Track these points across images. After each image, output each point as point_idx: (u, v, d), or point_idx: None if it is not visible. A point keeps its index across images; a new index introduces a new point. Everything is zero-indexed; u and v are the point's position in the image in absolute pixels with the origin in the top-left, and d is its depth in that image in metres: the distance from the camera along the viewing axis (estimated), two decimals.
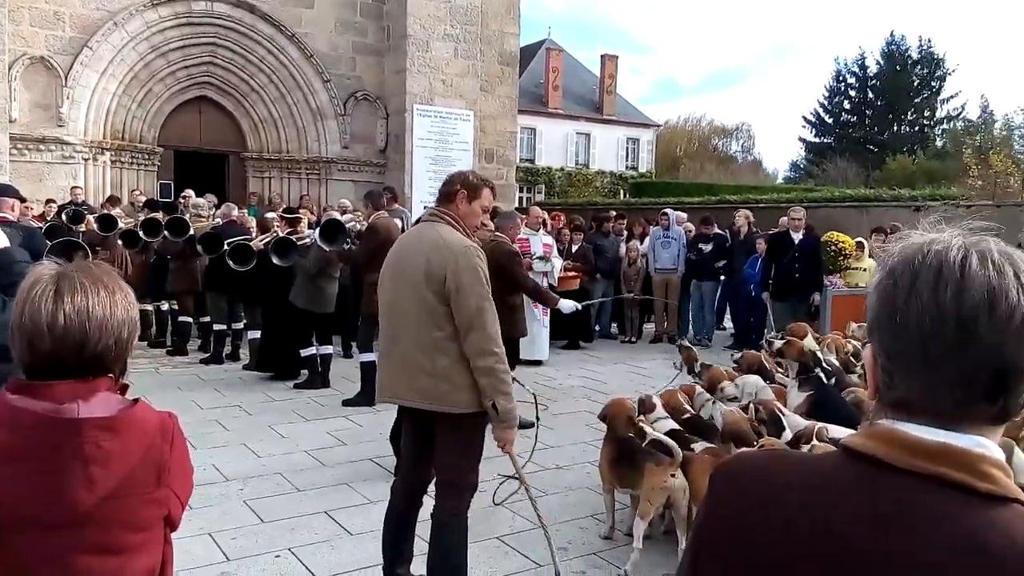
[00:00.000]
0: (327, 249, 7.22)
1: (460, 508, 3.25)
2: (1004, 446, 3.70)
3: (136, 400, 1.50)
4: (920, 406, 0.84)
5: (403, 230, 9.96)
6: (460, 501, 3.25)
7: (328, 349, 7.85)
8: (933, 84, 42.06)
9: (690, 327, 11.35)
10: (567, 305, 6.58)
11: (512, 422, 3.20)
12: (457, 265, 3.10)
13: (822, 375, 4.40)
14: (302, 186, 15.17)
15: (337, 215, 8.41)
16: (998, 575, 0.76)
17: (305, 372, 7.79)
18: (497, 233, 6.01)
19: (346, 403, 6.96)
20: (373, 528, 4.37)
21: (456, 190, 3.31)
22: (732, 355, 6.21)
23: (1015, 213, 16.99)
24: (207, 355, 8.93)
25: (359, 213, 8.49)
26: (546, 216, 10.67)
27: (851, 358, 5.72)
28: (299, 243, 7.69)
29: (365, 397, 6.84)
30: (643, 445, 4.03)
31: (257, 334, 8.42)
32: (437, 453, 3.25)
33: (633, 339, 11.20)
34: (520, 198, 31.80)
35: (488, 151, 15.41)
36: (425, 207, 13.80)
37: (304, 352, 7.70)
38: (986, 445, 0.83)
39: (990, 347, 0.80)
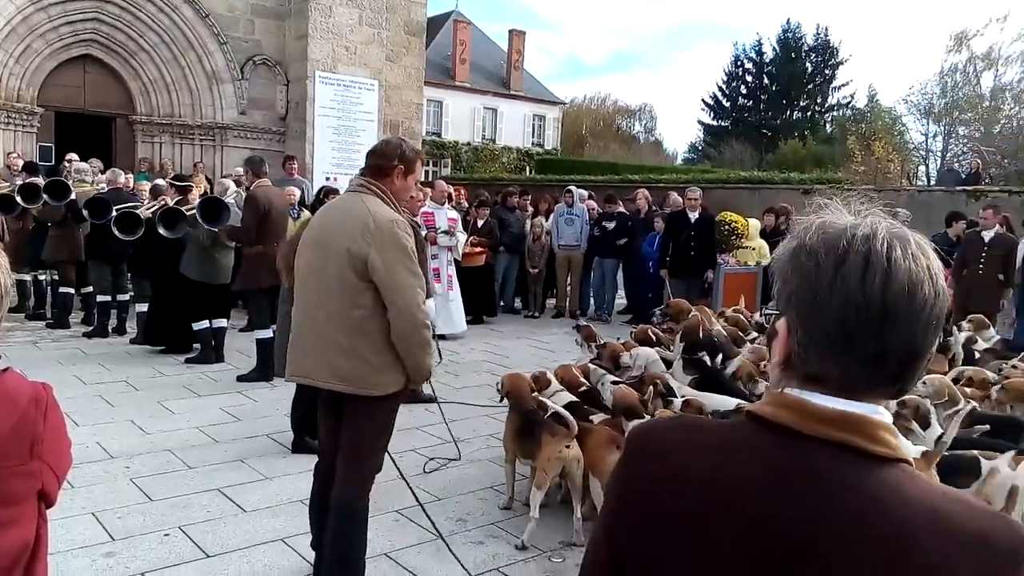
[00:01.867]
0: (212, 229, 6.95)
1: (364, 491, 3.19)
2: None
3: (6, 369, 1.41)
4: (832, 382, 0.89)
5: (303, 201, 9.74)
6: (364, 483, 3.18)
7: (223, 323, 7.58)
8: (826, 72, 43.89)
9: (591, 303, 11.58)
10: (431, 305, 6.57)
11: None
12: (383, 241, 2.97)
13: (706, 358, 4.56)
14: (196, 153, 14.52)
15: (231, 185, 8.09)
16: (889, 527, 0.82)
17: (198, 346, 7.51)
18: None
19: (241, 379, 6.76)
20: (269, 505, 4.29)
21: (393, 165, 3.14)
22: (631, 331, 6.37)
23: (894, 197, 18.07)
24: (90, 328, 8.47)
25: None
26: (451, 190, 10.61)
27: (740, 332, 5.98)
28: (189, 213, 7.36)
29: (261, 373, 6.66)
30: (544, 417, 4.10)
31: (145, 307, 8.04)
32: (346, 435, 3.14)
33: (536, 314, 11.33)
34: (426, 172, 31.51)
35: (393, 123, 15.15)
36: (328, 178, 13.55)
37: (196, 326, 7.41)
38: (882, 412, 0.89)
39: (905, 334, 0.86)
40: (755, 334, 6.01)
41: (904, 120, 31.60)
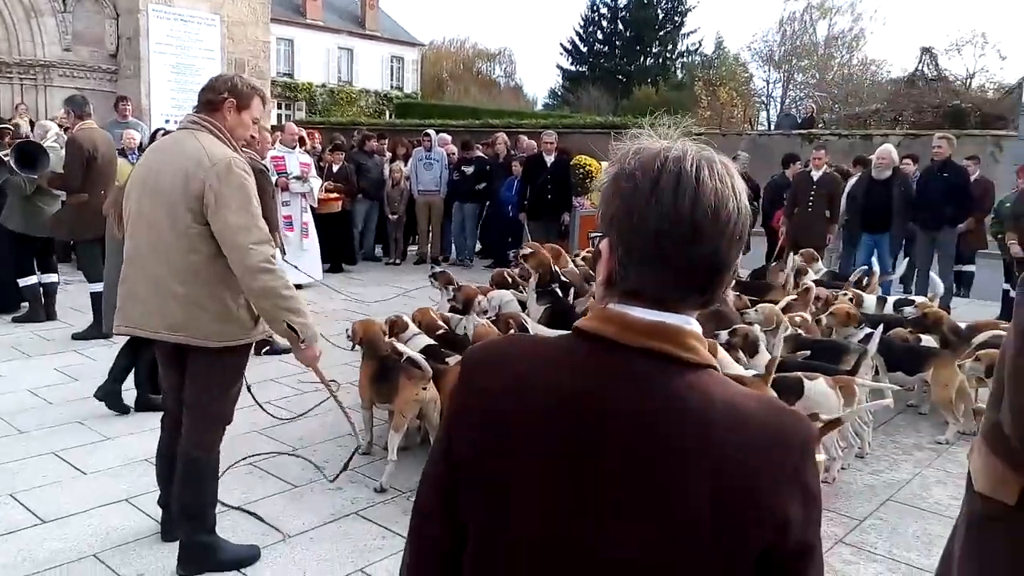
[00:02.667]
0: (31, 177, 6.37)
1: (212, 444, 3.08)
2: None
3: None
4: (649, 295, 0.95)
5: (142, 145, 9.08)
6: (212, 437, 3.08)
7: (52, 277, 7.03)
8: (675, 19, 45.09)
9: (452, 248, 11.59)
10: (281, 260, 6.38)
11: (313, 338, 3.01)
12: (219, 180, 2.78)
13: (558, 290, 4.72)
14: (15, 93, 13.17)
15: (52, 127, 7.41)
16: (694, 424, 0.90)
17: (26, 304, 6.94)
18: (245, 148, 5.64)
19: (76, 336, 6.33)
20: (112, 466, 4.09)
21: (223, 98, 2.95)
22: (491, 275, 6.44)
23: (737, 141, 19.08)
24: None
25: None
26: (303, 133, 10.21)
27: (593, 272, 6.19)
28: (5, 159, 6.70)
29: (98, 329, 6.26)
30: (400, 362, 4.10)
31: None
32: (190, 388, 3.01)
33: (397, 260, 11.23)
34: (279, 115, 30.10)
35: (239, 61, 14.31)
36: (167, 120, 12.66)
37: (23, 282, 6.83)
38: (692, 323, 0.96)
39: (712, 248, 0.92)
40: None
41: (748, 67, 33.23)
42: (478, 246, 11.77)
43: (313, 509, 3.69)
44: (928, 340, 5.38)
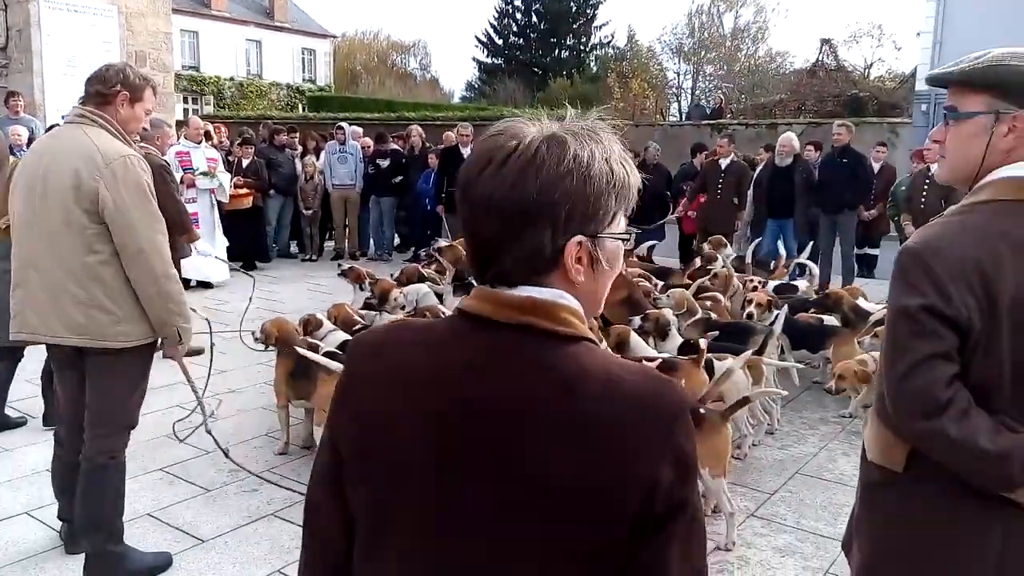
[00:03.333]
0: None
1: (117, 449, 2.97)
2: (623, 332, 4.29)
3: None
4: (516, 275, 0.95)
5: (32, 142, 8.61)
6: (116, 442, 2.97)
7: None
8: (588, 12, 45.62)
9: (371, 243, 11.45)
10: (202, 248, 6.19)
11: (188, 341, 2.97)
12: (115, 177, 2.68)
13: (473, 281, 4.73)
14: None
15: None
16: (567, 396, 0.91)
17: None
18: (143, 144, 5.43)
19: None
20: (10, 478, 3.90)
21: (115, 91, 2.82)
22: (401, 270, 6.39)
23: (649, 132, 19.49)
24: None
25: None
26: (209, 127, 9.89)
27: None
28: None
29: None
30: None
31: None
32: (91, 393, 2.89)
33: (314, 257, 11.02)
34: (184, 110, 29.06)
35: (139, 54, 13.73)
36: (64, 116, 12.02)
37: None
38: (565, 296, 0.96)
39: (549, 223, 0.92)
40: None
41: (659, 59, 33.93)
42: (397, 240, 11.66)
43: (229, 512, 3.60)
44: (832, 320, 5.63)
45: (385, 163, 10.82)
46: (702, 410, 3.09)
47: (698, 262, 7.41)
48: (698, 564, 0.95)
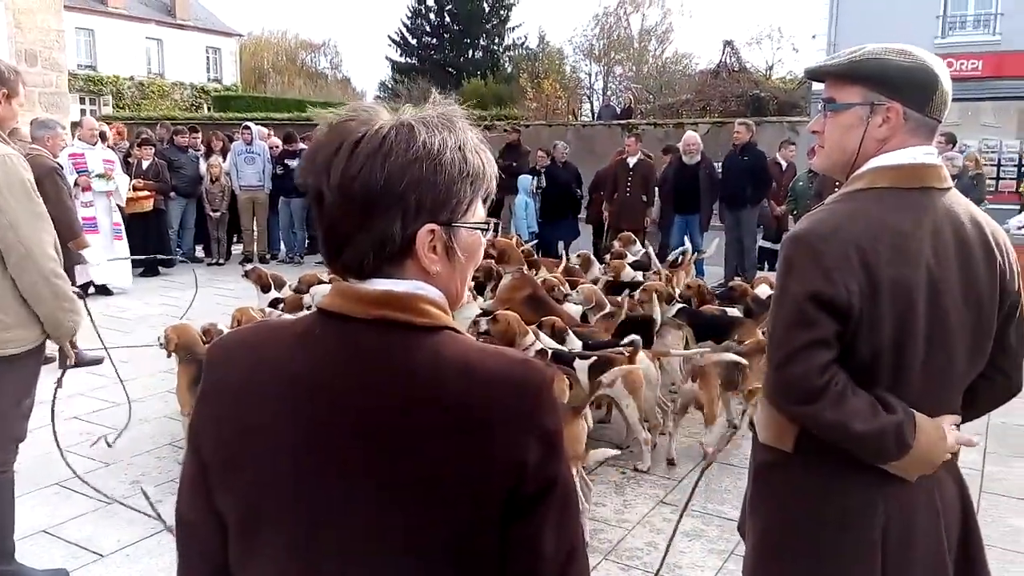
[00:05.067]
0: None
1: (5, 461, 2.83)
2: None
3: None
4: (366, 265, 0.94)
5: None
6: (5, 454, 2.82)
7: None
8: (501, 13, 45.79)
9: (281, 245, 11.20)
10: (92, 256, 5.94)
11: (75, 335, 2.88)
12: None
13: None
14: None
15: None
16: (428, 385, 0.91)
17: None
18: (33, 145, 5.17)
19: None
20: None
21: None
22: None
23: (562, 132, 19.72)
24: None
25: None
26: (105, 128, 9.47)
27: None
28: None
29: None
30: None
31: None
32: None
33: (221, 261, 10.69)
34: (82, 111, 27.73)
35: (30, 52, 13.01)
36: None
37: None
38: (423, 287, 0.96)
39: (398, 211, 0.92)
40: None
41: (571, 60, 34.35)
42: (308, 242, 11.44)
43: (129, 525, 3.46)
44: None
45: (294, 163, 10.58)
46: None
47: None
48: (573, 539, 0.96)
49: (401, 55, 46.23)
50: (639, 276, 6.48)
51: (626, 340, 4.16)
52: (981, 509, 3.83)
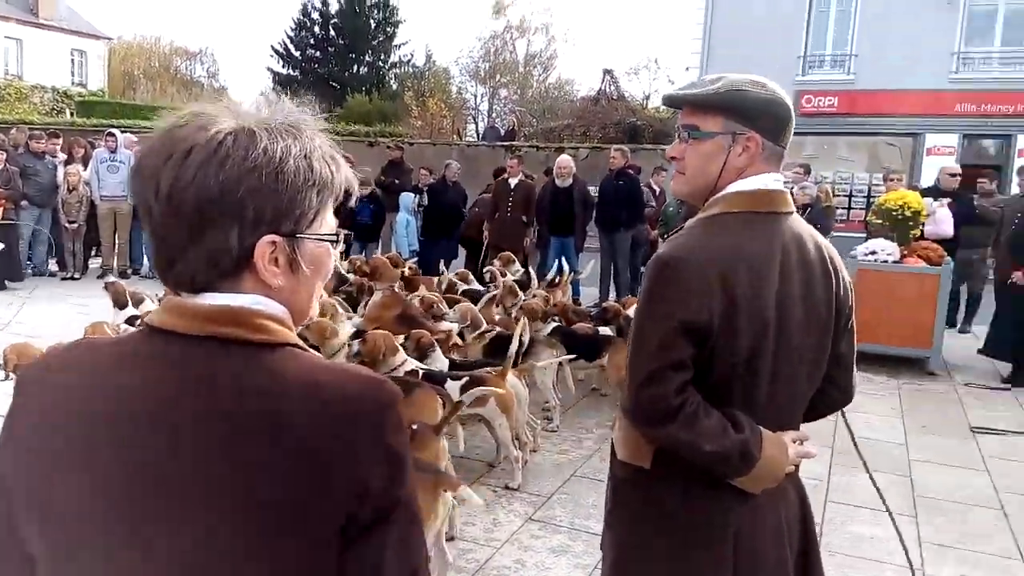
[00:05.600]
0: None
1: None
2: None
3: None
4: (200, 278, 0.89)
5: None
6: None
7: None
8: (388, 30, 45.56)
9: (145, 260, 10.63)
10: None
11: None
12: None
13: None
14: None
15: None
16: (266, 406, 0.85)
17: None
18: None
19: None
20: None
21: None
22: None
23: (447, 151, 19.79)
24: None
25: None
26: None
27: None
28: None
29: None
30: None
31: None
32: None
33: (76, 275, 10.02)
34: None
35: None
36: None
37: None
38: (262, 302, 0.91)
39: (235, 221, 0.87)
40: None
41: (457, 81, 34.64)
42: None
43: None
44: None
45: None
46: (414, 426, 3.12)
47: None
48: (415, 563, 0.93)
49: (283, 66, 45.12)
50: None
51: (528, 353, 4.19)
52: (827, 518, 4.07)
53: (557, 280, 7.80)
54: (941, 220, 7.77)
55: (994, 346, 7.20)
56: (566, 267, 8.30)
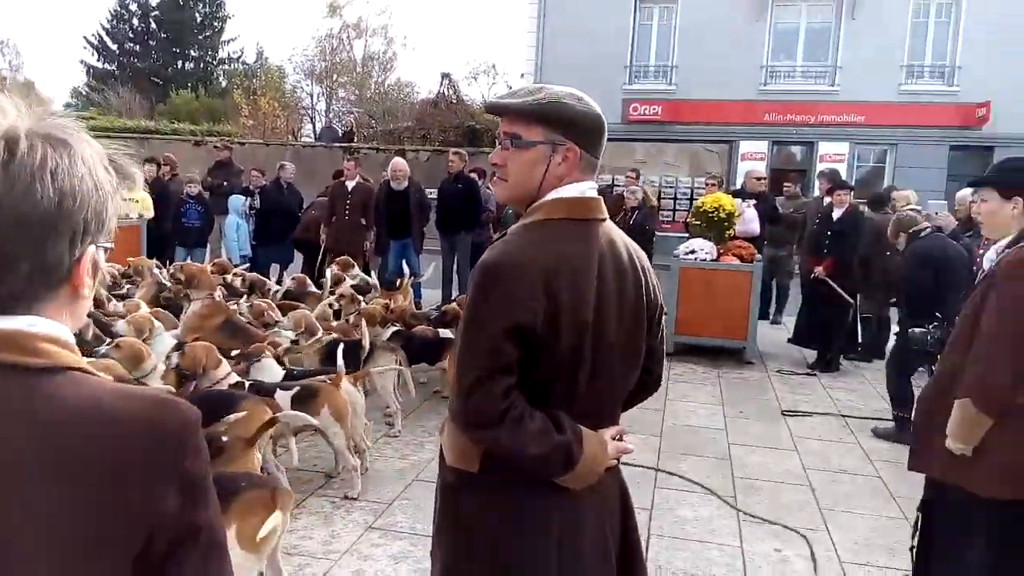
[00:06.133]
0: None
1: None
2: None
3: None
4: (28, 295, 0.83)
5: None
6: None
7: None
8: (215, 24, 43.44)
9: None
10: None
11: None
12: None
13: None
14: None
15: None
16: (47, 435, 0.79)
17: None
18: None
19: None
20: None
21: None
22: None
23: (281, 152, 19.12)
24: None
25: None
26: None
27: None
28: None
29: None
30: None
31: None
32: None
33: None
34: None
35: None
36: None
37: None
38: (38, 323, 0.84)
39: (69, 234, 0.83)
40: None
41: (292, 79, 33.49)
42: None
43: None
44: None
45: None
46: (224, 439, 3.03)
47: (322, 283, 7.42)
48: None
49: (99, 60, 41.91)
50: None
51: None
52: (655, 503, 4.30)
53: (398, 284, 7.74)
54: (749, 219, 8.44)
55: (801, 335, 7.90)
56: (406, 270, 8.27)
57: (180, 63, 42.34)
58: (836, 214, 7.59)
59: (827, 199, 7.95)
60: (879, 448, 5.34)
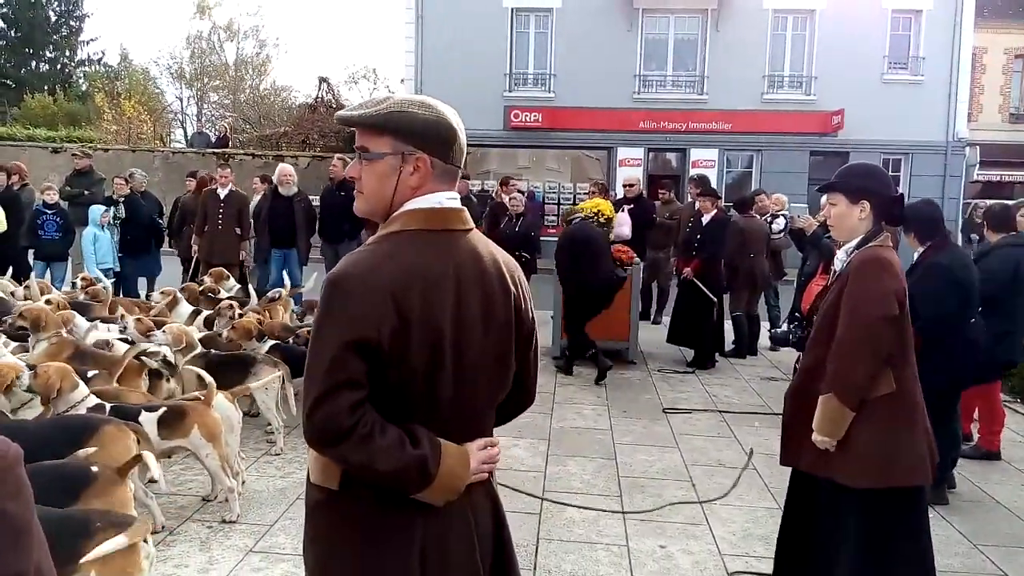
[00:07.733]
0: None
1: None
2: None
3: None
4: None
5: None
6: None
7: None
8: (72, 24, 40.88)
9: None
10: None
11: None
12: None
13: None
14: None
15: None
16: None
17: None
18: None
19: None
20: None
21: None
22: None
23: (149, 158, 18.15)
24: None
25: None
26: None
27: None
28: None
29: None
30: None
31: None
32: None
33: None
34: None
35: None
36: None
37: None
38: None
39: None
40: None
41: (159, 82, 31.91)
42: None
43: None
44: None
45: None
46: (94, 469, 2.85)
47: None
48: None
49: None
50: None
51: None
52: (544, 508, 4.33)
53: (278, 296, 7.48)
54: (621, 223, 8.70)
55: (675, 334, 8.20)
56: (287, 281, 8.00)
57: (34, 64, 39.52)
58: (705, 219, 8.01)
59: (697, 203, 8.35)
60: (755, 442, 5.59)
